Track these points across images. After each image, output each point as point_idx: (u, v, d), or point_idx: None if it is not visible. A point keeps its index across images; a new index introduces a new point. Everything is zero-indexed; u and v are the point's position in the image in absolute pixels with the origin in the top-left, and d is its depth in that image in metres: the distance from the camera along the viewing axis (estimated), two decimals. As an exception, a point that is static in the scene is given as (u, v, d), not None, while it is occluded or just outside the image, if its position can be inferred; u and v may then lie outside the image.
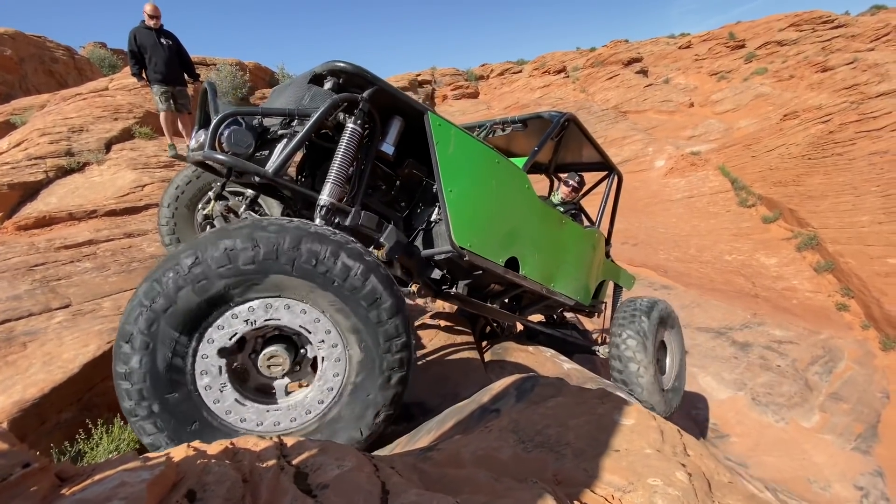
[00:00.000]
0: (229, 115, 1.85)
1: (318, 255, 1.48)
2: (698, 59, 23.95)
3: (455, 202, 2.24)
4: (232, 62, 9.85)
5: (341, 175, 2.01)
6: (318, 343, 1.56)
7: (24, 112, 7.33)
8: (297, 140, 1.89)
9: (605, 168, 4.20)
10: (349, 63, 2.06)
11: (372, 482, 0.87)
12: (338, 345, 1.56)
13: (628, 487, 0.91)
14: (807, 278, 9.52)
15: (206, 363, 1.45)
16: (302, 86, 2.16)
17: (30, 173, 4.93)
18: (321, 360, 1.58)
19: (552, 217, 3.06)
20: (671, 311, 3.93)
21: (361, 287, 1.52)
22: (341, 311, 1.53)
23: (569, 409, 1.33)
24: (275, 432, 1.53)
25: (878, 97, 12.18)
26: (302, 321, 1.53)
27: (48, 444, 2.03)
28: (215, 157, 1.81)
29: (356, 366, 1.58)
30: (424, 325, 3.94)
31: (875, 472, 5.90)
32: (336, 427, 1.59)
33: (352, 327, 1.55)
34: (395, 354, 1.60)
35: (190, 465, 0.87)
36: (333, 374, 1.58)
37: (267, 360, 1.56)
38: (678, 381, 3.86)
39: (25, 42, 11.41)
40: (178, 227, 3.15)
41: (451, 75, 24.48)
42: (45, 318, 2.57)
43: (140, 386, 1.37)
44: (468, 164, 2.36)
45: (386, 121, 2.25)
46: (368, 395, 1.59)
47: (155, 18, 5.32)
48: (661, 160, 14.35)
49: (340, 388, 1.59)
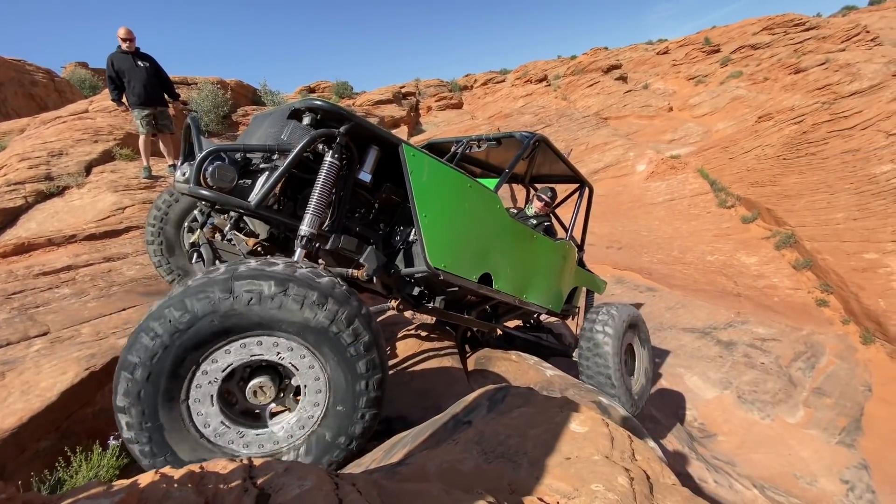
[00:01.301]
0: (213, 151, 1.96)
1: (305, 298, 1.59)
2: (676, 65, 24.47)
3: (429, 226, 2.39)
4: (213, 80, 9.88)
5: (320, 206, 2.14)
6: (301, 375, 1.69)
7: (4, 137, 7.30)
8: (278, 174, 2.02)
9: (576, 181, 4.45)
10: (325, 101, 2.22)
11: (329, 500, 0.91)
12: (319, 377, 1.70)
13: (573, 493, 0.96)
14: (786, 276, 9.70)
15: (199, 393, 1.59)
16: (281, 120, 2.29)
17: (9, 199, 4.91)
18: (304, 388, 1.71)
19: (523, 233, 3.26)
20: (639, 317, 4.18)
21: (345, 329, 1.65)
22: (324, 349, 1.66)
23: (530, 418, 1.39)
24: (260, 454, 1.67)
25: (850, 96, 12.56)
26: (288, 356, 1.66)
27: (28, 472, 2.04)
28: (200, 193, 1.93)
29: (335, 394, 1.72)
30: (408, 336, 3.98)
31: (860, 465, 6.00)
32: (317, 448, 1.73)
33: (333, 360, 1.68)
34: (371, 381, 1.74)
35: (153, 492, 0.91)
36: (314, 402, 1.72)
37: (254, 391, 1.69)
38: (645, 381, 4.12)
39: (4, 66, 11.35)
40: (165, 247, 3.26)
41: (435, 86, 24.72)
42: (23, 347, 2.58)
43: (139, 418, 1.50)
44: (441, 189, 2.51)
45: (363, 149, 2.38)
46: (346, 419, 1.73)
47: (129, 41, 5.36)
48: (643, 164, 14.59)
49: (321, 413, 1.73)
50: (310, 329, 1.62)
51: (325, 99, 2.26)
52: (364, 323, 1.71)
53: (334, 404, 1.72)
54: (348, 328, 1.67)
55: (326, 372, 1.70)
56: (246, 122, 10.00)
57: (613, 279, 10.06)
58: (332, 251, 2.30)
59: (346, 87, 18.73)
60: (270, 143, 2.15)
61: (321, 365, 1.69)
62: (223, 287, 1.54)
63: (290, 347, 1.66)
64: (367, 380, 1.73)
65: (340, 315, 1.65)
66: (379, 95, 18.70)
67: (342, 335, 1.66)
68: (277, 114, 2.37)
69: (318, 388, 1.71)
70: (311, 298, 1.61)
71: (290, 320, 1.60)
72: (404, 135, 16.31)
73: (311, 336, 1.64)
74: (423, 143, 4.21)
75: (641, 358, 4.20)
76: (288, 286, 1.59)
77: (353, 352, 1.69)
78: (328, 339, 1.65)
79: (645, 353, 4.25)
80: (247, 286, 1.56)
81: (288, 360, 1.67)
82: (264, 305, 1.56)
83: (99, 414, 2.45)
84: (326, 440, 1.73)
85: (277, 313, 1.58)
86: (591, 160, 15.38)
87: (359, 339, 1.69)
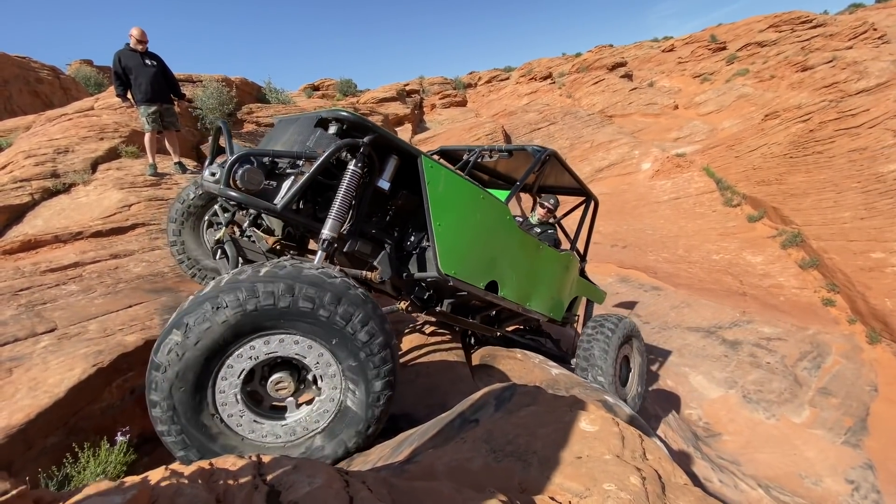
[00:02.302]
0: (243, 155, 2.06)
1: (319, 300, 1.70)
2: (681, 62, 24.33)
3: (442, 235, 2.51)
4: (218, 78, 9.87)
5: (342, 211, 2.25)
6: (319, 370, 1.80)
7: (10, 134, 7.33)
8: (304, 180, 2.13)
9: (582, 194, 4.62)
10: (351, 112, 2.34)
11: (340, 498, 0.91)
12: (336, 374, 1.81)
13: (585, 493, 0.95)
14: (793, 275, 9.65)
15: (224, 385, 1.69)
16: (308, 127, 2.40)
17: (15, 196, 4.93)
18: (321, 382, 1.82)
19: (530, 244, 3.40)
20: (635, 329, 4.41)
21: (360, 330, 1.76)
22: (340, 346, 1.77)
23: (539, 417, 1.38)
24: (285, 442, 1.80)
25: (857, 94, 12.46)
26: (307, 353, 1.77)
27: (36, 469, 2.04)
28: (230, 194, 2.03)
29: (351, 387, 1.82)
30: (414, 333, 3.98)
31: (865, 465, 5.96)
32: (336, 437, 1.84)
33: (348, 357, 1.78)
34: (383, 378, 1.84)
35: (164, 489, 0.90)
36: (331, 396, 1.83)
37: (275, 385, 1.80)
38: (640, 389, 4.38)
39: (9, 63, 11.40)
40: (186, 243, 3.39)
41: (439, 84, 24.67)
42: (30, 343, 2.58)
43: (170, 412, 1.60)
44: (455, 200, 2.63)
45: (383, 158, 2.49)
46: (361, 410, 1.83)
47: (142, 43, 5.41)
48: (648, 163, 14.53)
49: (338, 405, 1.84)
50: (327, 328, 1.72)
51: (350, 111, 2.36)
52: (381, 329, 1.82)
53: (351, 390, 1.83)
54: (363, 329, 1.77)
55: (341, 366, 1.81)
56: (251, 120, 10.01)
57: (618, 278, 10.04)
58: (348, 253, 2.43)
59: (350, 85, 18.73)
60: (297, 148, 2.27)
61: (336, 360, 1.80)
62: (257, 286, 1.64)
63: (309, 346, 1.76)
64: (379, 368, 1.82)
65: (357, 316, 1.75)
66: (383, 93, 18.69)
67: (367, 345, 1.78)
68: (304, 120, 2.48)
69: (335, 383, 1.83)
70: (327, 299, 1.71)
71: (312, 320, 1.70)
72: (408, 133, 16.30)
73: (328, 335, 1.74)
74: (434, 150, 4.29)
75: (635, 369, 4.43)
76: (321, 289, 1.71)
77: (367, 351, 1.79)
78: (354, 342, 1.76)
79: (639, 363, 4.48)
80: (270, 287, 1.64)
81: (306, 357, 1.77)
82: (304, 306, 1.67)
83: (106, 410, 2.45)
84: (346, 427, 1.84)
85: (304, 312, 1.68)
86: (595, 158, 15.33)
87: (374, 339, 1.79)
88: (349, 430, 1.84)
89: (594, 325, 4.09)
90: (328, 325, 1.71)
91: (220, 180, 2.06)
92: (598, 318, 4.22)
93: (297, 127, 2.49)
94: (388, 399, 1.87)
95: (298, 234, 2.91)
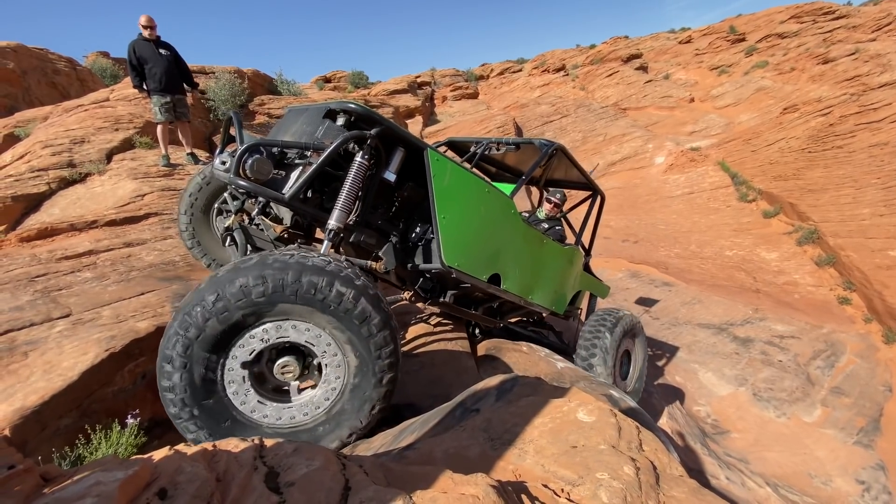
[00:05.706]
0: (253, 145, 2.11)
1: (316, 285, 1.74)
2: (699, 54, 23.84)
3: (446, 227, 2.54)
4: (230, 70, 9.95)
5: (349, 202, 2.30)
6: (322, 353, 1.86)
7: (28, 124, 7.47)
8: (312, 170, 2.17)
9: (589, 188, 4.60)
10: (359, 104, 2.36)
11: (336, 479, 0.92)
12: (337, 354, 1.86)
13: (577, 481, 0.96)
14: (808, 272, 9.47)
15: (232, 374, 1.76)
16: (317, 118, 2.43)
17: (33, 185, 5.04)
18: (325, 366, 1.88)
19: (534, 237, 3.40)
20: (637, 324, 4.46)
21: (353, 308, 1.80)
22: (338, 328, 1.81)
23: (538, 407, 1.39)
24: (291, 425, 1.86)
25: (880, 88, 12.09)
26: (307, 337, 1.82)
27: (49, 449, 2.11)
28: (239, 183, 2.08)
29: (354, 370, 1.90)
30: (419, 324, 4.00)
31: (877, 465, 5.88)
32: (340, 419, 1.90)
33: (347, 340, 1.83)
34: (385, 360, 1.88)
35: (166, 466, 0.93)
36: (335, 377, 1.89)
37: (281, 369, 1.87)
38: (639, 385, 4.45)
39: (27, 55, 11.60)
40: (197, 231, 3.47)
41: (450, 76, 24.49)
42: (45, 328, 2.65)
43: (182, 396, 1.67)
44: (460, 193, 2.65)
45: (389, 150, 2.51)
46: (365, 392, 1.89)
47: (150, 29, 5.43)
48: (661, 157, 14.32)
49: (342, 388, 1.90)
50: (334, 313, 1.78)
51: (358, 103, 2.38)
52: (377, 308, 1.85)
53: (354, 376, 1.88)
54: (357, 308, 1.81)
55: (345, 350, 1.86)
56: (262, 112, 10.07)
57: (629, 273, 9.95)
58: (353, 243, 2.48)
59: (361, 77, 18.70)
60: (306, 139, 2.31)
61: (339, 344, 1.85)
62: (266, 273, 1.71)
63: (307, 329, 1.81)
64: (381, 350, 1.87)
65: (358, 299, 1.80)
66: (394, 85, 18.62)
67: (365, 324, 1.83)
68: (313, 111, 2.51)
69: (338, 364, 1.88)
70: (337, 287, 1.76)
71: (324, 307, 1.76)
72: (419, 125, 16.25)
73: (333, 320, 1.79)
74: (443, 140, 4.26)
75: (636, 363, 4.47)
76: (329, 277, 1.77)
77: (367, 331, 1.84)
78: (350, 323, 1.80)
79: (640, 358, 4.51)
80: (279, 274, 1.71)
81: (309, 341, 1.82)
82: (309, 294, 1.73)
83: (118, 393, 2.52)
84: (351, 408, 1.89)
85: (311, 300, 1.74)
86: (608, 152, 15.15)
87: (371, 319, 1.83)
88: (352, 413, 1.89)
89: (596, 319, 4.13)
90: (325, 306, 1.76)
91: (230, 169, 2.11)
92: (601, 311, 4.26)
93: (307, 117, 2.51)
94: (391, 381, 1.91)
95: (306, 223, 2.94)
